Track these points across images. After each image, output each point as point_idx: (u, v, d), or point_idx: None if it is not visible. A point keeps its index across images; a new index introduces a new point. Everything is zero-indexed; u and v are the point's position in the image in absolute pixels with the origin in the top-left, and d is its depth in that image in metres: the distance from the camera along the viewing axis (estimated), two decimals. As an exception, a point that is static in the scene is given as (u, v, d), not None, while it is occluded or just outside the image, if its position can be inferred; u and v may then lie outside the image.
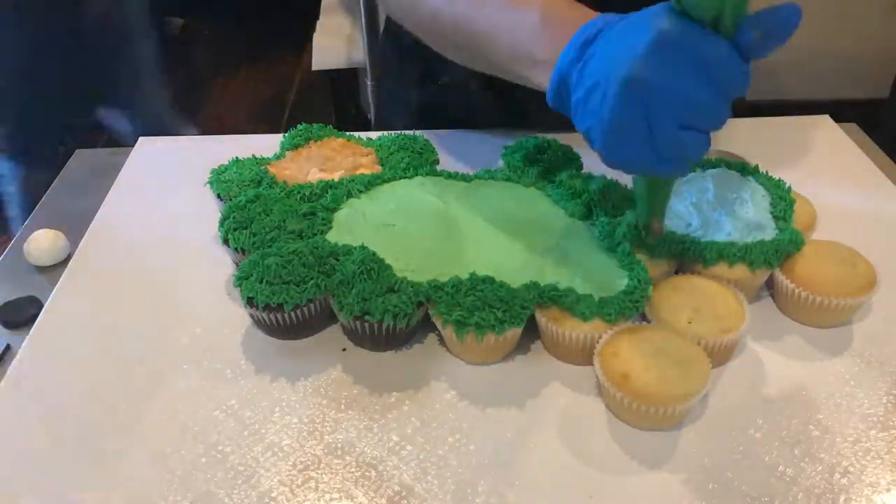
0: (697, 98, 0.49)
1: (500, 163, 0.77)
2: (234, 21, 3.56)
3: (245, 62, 3.29)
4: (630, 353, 0.55)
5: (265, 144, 0.78)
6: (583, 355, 0.58)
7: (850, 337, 0.63)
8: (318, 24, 2.03)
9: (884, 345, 0.62)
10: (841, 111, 0.97)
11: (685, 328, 0.58)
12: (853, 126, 0.93)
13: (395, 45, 0.99)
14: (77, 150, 0.92)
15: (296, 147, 0.77)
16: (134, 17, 2.07)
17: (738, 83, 0.50)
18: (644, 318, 0.61)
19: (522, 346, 0.61)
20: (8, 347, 0.63)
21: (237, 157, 0.75)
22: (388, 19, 1.01)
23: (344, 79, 2.41)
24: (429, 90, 0.93)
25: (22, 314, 0.66)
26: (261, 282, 0.59)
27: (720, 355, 0.59)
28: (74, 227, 0.75)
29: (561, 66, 0.56)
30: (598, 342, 0.57)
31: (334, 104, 2.48)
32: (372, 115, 1.54)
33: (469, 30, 0.65)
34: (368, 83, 1.58)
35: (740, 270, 0.62)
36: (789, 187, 0.69)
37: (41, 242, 0.72)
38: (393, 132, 0.79)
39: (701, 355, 0.55)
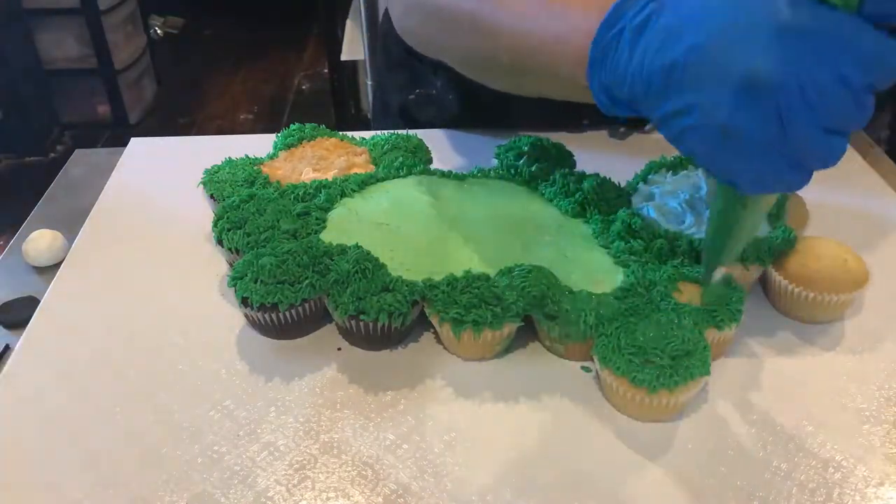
0: (839, 91, 0.40)
1: (494, 162, 0.77)
2: (234, 21, 3.56)
3: (245, 62, 3.29)
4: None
5: (258, 144, 0.79)
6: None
7: (843, 332, 0.63)
8: (350, 16, 2.04)
9: (876, 340, 0.62)
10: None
11: None
12: None
13: (385, 53, 1.00)
14: (77, 150, 0.92)
15: (289, 147, 0.77)
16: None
17: (889, 63, 0.40)
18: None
19: (518, 342, 0.61)
20: (7, 348, 0.63)
21: (230, 158, 0.75)
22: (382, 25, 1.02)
23: (344, 79, 2.41)
24: (407, 100, 0.94)
25: (20, 314, 0.66)
26: (255, 282, 0.59)
27: (714, 350, 0.59)
28: (73, 227, 0.75)
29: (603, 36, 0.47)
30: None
31: (334, 104, 2.48)
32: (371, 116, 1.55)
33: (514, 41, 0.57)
34: (368, 83, 1.58)
35: (734, 267, 0.62)
36: None
37: (39, 243, 0.72)
38: (386, 131, 0.80)
39: None
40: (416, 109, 0.94)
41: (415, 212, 0.68)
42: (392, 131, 0.79)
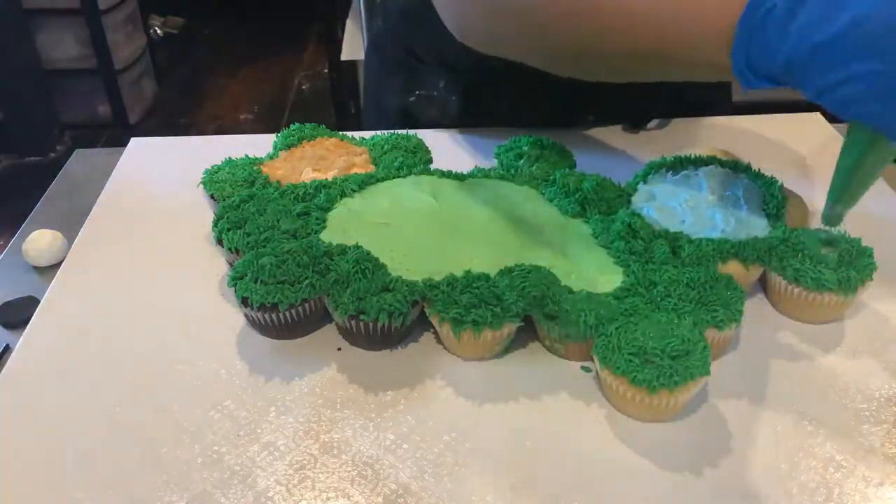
0: None
1: (494, 161, 0.77)
2: (235, 21, 3.56)
3: (245, 62, 3.30)
4: None
5: (258, 144, 0.79)
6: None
7: (843, 332, 0.63)
8: (350, 16, 2.04)
9: (876, 340, 0.62)
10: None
11: None
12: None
13: (379, 55, 1.00)
14: (77, 150, 0.92)
15: (289, 147, 0.77)
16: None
17: None
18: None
19: (518, 341, 0.61)
20: (7, 348, 0.63)
21: (230, 158, 0.75)
22: (375, 29, 1.01)
23: (344, 79, 2.41)
24: (407, 102, 0.94)
25: (20, 314, 0.66)
26: (255, 282, 0.59)
27: (714, 350, 0.59)
28: (73, 227, 0.75)
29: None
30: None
31: (334, 104, 2.49)
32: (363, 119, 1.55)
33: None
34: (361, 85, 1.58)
35: (734, 267, 0.62)
36: (781, 185, 0.69)
37: (39, 243, 0.72)
38: (386, 131, 0.80)
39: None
40: (418, 111, 0.93)
41: (415, 212, 0.68)
42: (392, 131, 0.79)
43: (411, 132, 0.79)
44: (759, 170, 0.71)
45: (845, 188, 0.56)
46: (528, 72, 0.71)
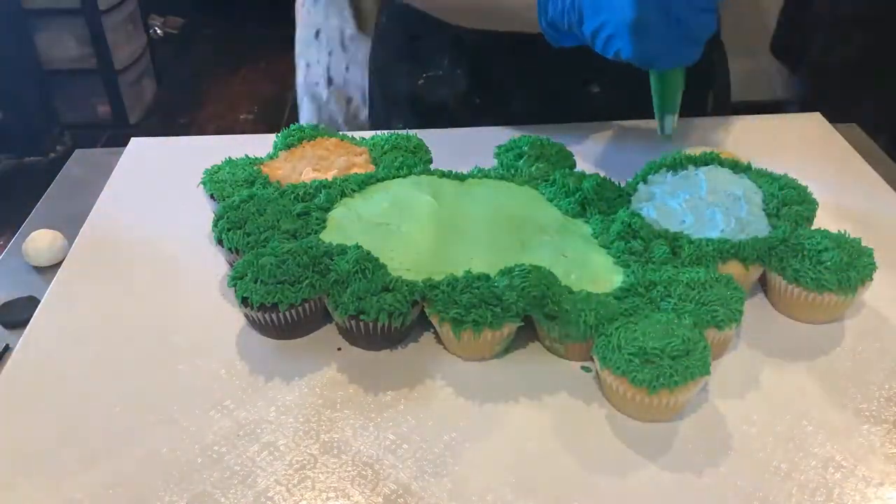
0: None
1: (494, 161, 0.77)
2: (235, 21, 3.56)
3: (245, 62, 3.29)
4: None
5: (258, 144, 0.79)
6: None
7: (843, 333, 0.63)
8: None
9: (876, 340, 0.62)
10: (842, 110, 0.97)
11: None
12: (853, 126, 0.94)
13: (384, 49, 1.01)
14: (77, 150, 0.92)
15: (289, 147, 0.77)
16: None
17: None
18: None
19: (518, 342, 0.61)
20: (7, 348, 0.63)
21: (230, 158, 0.75)
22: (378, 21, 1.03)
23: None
24: (416, 86, 0.95)
25: (20, 314, 0.66)
26: (255, 282, 0.59)
27: (714, 350, 0.59)
28: (73, 227, 0.75)
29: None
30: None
31: (334, 103, 2.48)
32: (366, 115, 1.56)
33: None
34: (365, 84, 1.58)
35: (734, 267, 0.62)
36: (792, 180, 0.70)
37: (39, 242, 0.72)
38: (386, 131, 0.80)
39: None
40: (428, 93, 0.95)
41: (415, 212, 0.68)
42: (392, 131, 0.79)
43: (412, 132, 0.79)
44: (762, 169, 0.72)
45: (664, 102, 0.75)
46: (529, 42, 0.78)
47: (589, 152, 0.85)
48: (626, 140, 0.89)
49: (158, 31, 3.34)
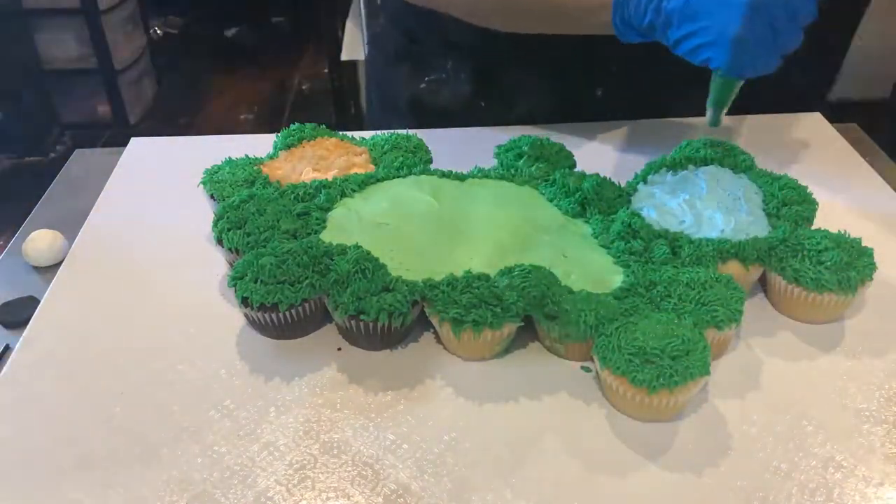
0: (804, 3, 0.64)
1: (494, 161, 0.77)
2: (234, 21, 3.56)
3: (245, 62, 3.29)
4: None
5: (258, 144, 0.79)
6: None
7: (843, 333, 0.63)
8: (350, 16, 2.04)
9: (876, 340, 0.62)
10: (842, 111, 0.97)
11: None
12: (853, 126, 0.94)
13: (382, 51, 1.00)
14: (77, 150, 0.92)
15: (289, 147, 0.77)
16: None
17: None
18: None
19: (518, 342, 0.61)
20: (7, 348, 0.63)
21: (230, 157, 0.75)
22: (379, 20, 1.03)
23: (344, 79, 2.41)
24: (417, 89, 0.94)
25: (20, 314, 0.66)
26: (255, 282, 0.59)
27: (714, 350, 0.59)
28: (73, 227, 0.75)
29: None
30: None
31: (334, 104, 2.48)
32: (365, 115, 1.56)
33: None
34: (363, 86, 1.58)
35: (734, 267, 0.62)
36: (792, 180, 0.70)
37: (39, 243, 0.72)
38: (386, 131, 0.80)
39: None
40: (430, 98, 0.94)
41: (415, 212, 0.68)
42: (392, 131, 0.79)
43: (412, 132, 0.79)
44: (762, 169, 0.72)
45: (721, 98, 0.72)
46: (533, 44, 0.77)
47: (589, 152, 0.85)
48: (626, 140, 0.89)
49: (158, 31, 3.34)
